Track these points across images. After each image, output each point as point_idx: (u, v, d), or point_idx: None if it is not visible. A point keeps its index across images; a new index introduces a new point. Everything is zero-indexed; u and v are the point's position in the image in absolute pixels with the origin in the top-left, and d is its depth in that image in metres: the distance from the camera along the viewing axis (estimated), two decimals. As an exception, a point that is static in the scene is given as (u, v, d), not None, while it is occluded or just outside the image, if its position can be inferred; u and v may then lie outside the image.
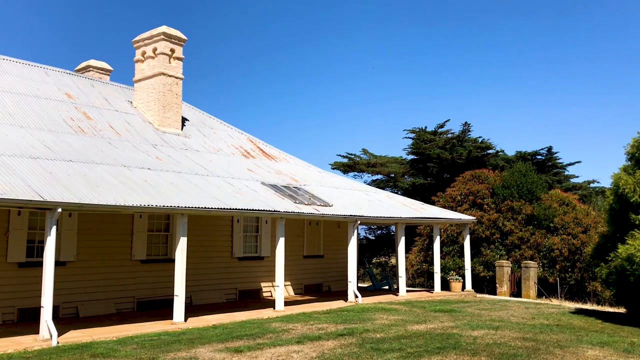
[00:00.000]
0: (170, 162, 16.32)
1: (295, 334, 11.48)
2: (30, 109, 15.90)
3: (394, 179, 37.15)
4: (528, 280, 21.82)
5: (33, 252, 13.54)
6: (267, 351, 9.76)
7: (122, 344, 10.29)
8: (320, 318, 13.72)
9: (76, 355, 9.32)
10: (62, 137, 15.02)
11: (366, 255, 35.03)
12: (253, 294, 18.58)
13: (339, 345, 10.29)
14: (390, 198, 21.49)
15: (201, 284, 16.97)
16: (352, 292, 17.20)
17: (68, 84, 18.84)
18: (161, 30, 19.35)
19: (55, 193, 10.91)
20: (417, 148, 35.34)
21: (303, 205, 16.04)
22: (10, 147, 12.85)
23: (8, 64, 17.88)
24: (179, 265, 13.03)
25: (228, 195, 14.66)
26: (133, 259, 15.45)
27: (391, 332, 11.81)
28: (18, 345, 10.13)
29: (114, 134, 16.90)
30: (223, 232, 17.91)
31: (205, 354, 9.50)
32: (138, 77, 19.89)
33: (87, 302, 14.36)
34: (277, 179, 18.46)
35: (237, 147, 20.89)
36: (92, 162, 13.82)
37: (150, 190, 13.06)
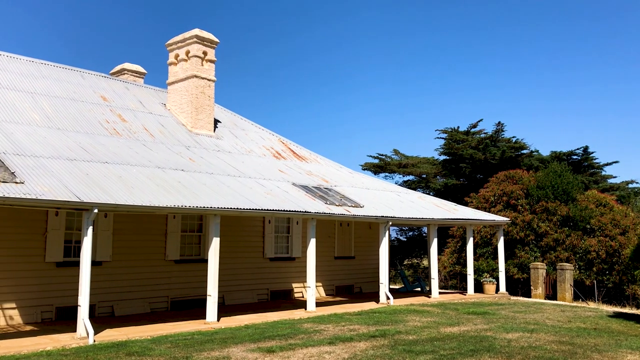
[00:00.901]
0: (203, 163, 16.49)
1: (327, 334, 11.47)
2: (67, 111, 16.27)
3: (425, 180, 36.85)
4: (564, 283, 21.39)
5: (70, 252, 13.85)
6: (299, 352, 9.77)
7: (156, 343, 10.43)
8: (352, 319, 13.69)
9: (112, 353, 9.48)
10: (98, 139, 15.32)
11: (397, 256, 34.82)
12: (284, 294, 18.64)
13: (371, 347, 10.24)
14: (422, 199, 21.32)
15: (233, 284, 17.11)
16: (384, 293, 17.11)
17: (103, 87, 19.22)
18: (194, 33, 19.59)
19: (91, 194, 11.13)
20: (449, 148, 34.99)
21: (334, 206, 16.02)
22: (48, 149, 13.17)
23: (46, 68, 18.33)
24: (212, 266, 13.15)
25: (260, 196, 14.75)
26: (167, 259, 15.67)
27: (424, 334, 11.71)
28: (56, 343, 10.37)
29: (148, 136, 17.16)
30: (254, 233, 18.03)
31: (238, 354, 9.56)
32: (171, 79, 20.17)
33: (122, 301, 14.61)
34: (308, 180, 18.49)
35: (269, 148, 21.00)
36: (127, 163, 14.06)
37: (183, 191, 13.22)
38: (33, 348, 9.91)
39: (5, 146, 12.38)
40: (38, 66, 18.18)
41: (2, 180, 10.37)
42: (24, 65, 17.79)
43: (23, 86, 16.45)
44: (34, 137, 13.67)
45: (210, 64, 20.07)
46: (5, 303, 12.74)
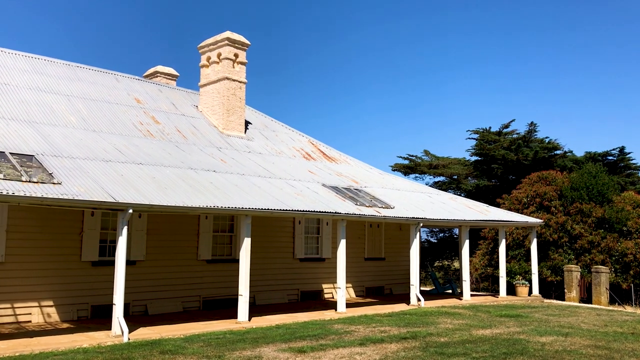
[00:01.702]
0: (234, 164, 16.65)
1: (357, 336, 11.46)
2: (102, 114, 16.61)
3: (456, 181, 36.50)
4: (599, 286, 20.94)
5: (105, 251, 14.13)
6: (330, 352, 9.79)
7: (189, 342, 10.58)
8: (383, 321, 13.65)
9: (146, 351, 9.64)
10: (132, 140, 15.60)
11: (428, 258, 34.56)
12: (314, 295, 18.68)
13: (402, 349, 10.20)
14: (454, 200, 21.14)
15: (264, 284, 17.22)
16: (415, 295, 17.02)
17: (137, 90, 19.56)
18: (225, 35, 19.79)
19: (126, 194, 11.35)
20: (480, 149, 34.58)
21: (364, 207, 16.00)
22: (84, 150, 13.46)
23: (82, 71, 18.75)
24: (243, 266, 13.27)
25: (290, 197, 14.82)
26: (199, 258, 15.86)
27: (455, 336, 11.61)
28: (92, 341, 10.59)
29: (180, 138, 17.40)
30: (285, 233, 18.12)
31: (270, 353, 9.63)
32: (203, 82, 20.42)
33: (155, 300, 14.85)
34: (337, 180, 18.51)
35: (298, 150, 21.08)
36: (160, 164, 14.29)
37: (215, 191, 13.37)
38: (70, 345, 10.14)
39: (43, 148, 12.71)
40: (74, 69, 18.61)
41: (40, 181, 10.65)
42: (60, 68, 18.22)
43: (60, 89, 16.86)
44: (70, 138, 13.99)
45: (241, 66, 20.26)
46: (44, 301, 13.07)
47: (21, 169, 10.94)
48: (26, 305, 12.82)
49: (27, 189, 10.16)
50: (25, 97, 15.44)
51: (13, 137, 12.80)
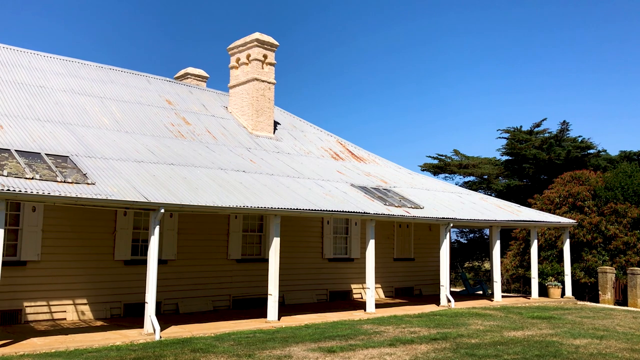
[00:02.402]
0: (263, 164, 16.75)
1: (387, 336, 11.42)
2: (135, 115, 16.88)
3: (487, 181, 36.07)
4: (635, 288, 20.45)
5: (137, 250, 14.36)
6: (360, 352, 9.78)
7: (219, 340, 10.68)
8: (412, 322, 13.57)
9: (177, 349, 9.76)
10: (164, 141, 15.82)
11: (458, 259, 34.23)
12: (343, 295, 18.67)
13: (432, 350, 10.13)
14: (484, 200, 20.90)
15: (293, 284, 17.28)
16: (445, 296, 16.87)
17: (168, 91, 19.83)
18: (254, 37, 19.93)
19: (158, 194, 11.51)
20: (511, 148, 34.11)
21: (393, 207, 15.93)
22: (117, 151, 13.70)
23: (114, 74, 19.09)
24: (273, 265, 13.34)
25: (319, 197, 14.84)
26: (229, 258, 16.00)
27: (486, 337, 11.47)
28: (125, 338, 10.77)
29: (211, 138, 17.58)
30: (313, 233, 18.16)
31: (299, 353, 9.66)
32: (232, 83, 20.60)
33: (186, 299, 15.03)
34: (366, 180, 18.47)
35: (327, 150, 21.10)
36: (191, 165, 14.46)
37: (245, 191, 13.47)
38: (103, 342, 10.33)
39: (78, 149, 12.97)
40: (107, 72, 18.96)
41: (75, 181, 10.87)
42: (93, 70, 18.58)
43: (93, 91, 17.19)
44: (103, 140, 14.25)
45: (270, 66, 20.37)
46: (78, 299, 13.34)
47: (56, 169, 11.19)
48: (61, 303, 13.11)
49: (62, 189, 10.38)
50: (60, 99, 15.79)
51: (48, 138, 13.10)
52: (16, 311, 12.46)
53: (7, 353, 9.31)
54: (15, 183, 9.98)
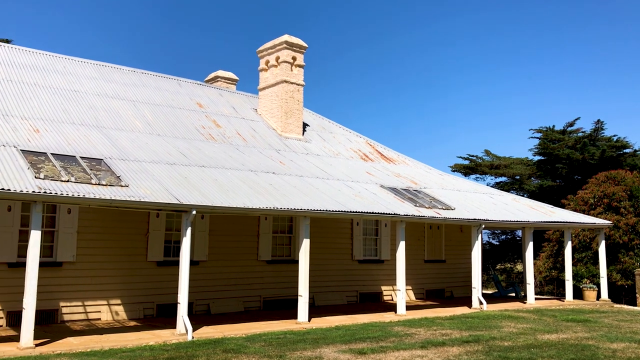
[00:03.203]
0: (293, 166, 16.81)
1: (418, 338, 11.34)
2: (166, 118, 17.12)
3: (519, 181, 35.54)
4: (674, 291, 19.89)
5: (169, 251, 14.56)
6: (391, 354, 9.73)
7: (250, 341, 10.74)
8: (444, 324, 13.45)
9: (209, 349, 9.86)
10: (195, 144, 16.01)
11: (489, 260, 33.79)
12: (373, 297, 18.61)
13: (465, 352, 10.02)
14: (517, 201, 20.60)
15: (323, 285, 17.29)
16: (477, 298, 16.68)
17: (199, 94, 20.06)
18: (283, 39, 20.03)
19: (190, 196, 11.66)
20: (544, 148, 33.54)
21: (424, 209, 15.82)
22: (149, 154, 13.92)
23: (146, 77, 19.40)
24: (303, 266, 13.37)
25: (348, 198, 14.83)
26: (259, 259, 16.10)
27: (520, 340, 11.30)
28: (158, 338, 10.93)
29: (241, 141, 17.72)
30: (343, 235, 18.14)
31: (330, 354, 9.65)
32: (262, 85, 20.73)
33: (217, 299, 15.16)
34: (396, 182, 18.38)
35: (356, 151, 21.07)
36: (222, 167, 14.60)
37: (274, 193, 13.54)
38: (137, 342, 10.49)
39: (111, 152, 13.22)
40: (139, 75, 19.27)
41: (109, 183, 11.08)
42: (126, 75, 18.91)
43: (126, 95, 17.49)
44: (136, 142, 14.49)
45: (299, 68, 20.44)
46: (112, 299, 13.58)
47: (91, 172, 11.41)
48: (96, 304, 13.36)
49: (97, 191, 10.58)
50: (94, 103, 16.10)
51: (83, 141, 13.38)
52: (53, 311, 12.75)
53: (45, 352, 9.53)
54: (51, 186, 10.22)
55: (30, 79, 15.83)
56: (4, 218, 12.30)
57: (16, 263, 12.26)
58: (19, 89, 15.09)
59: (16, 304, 11.81)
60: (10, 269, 12.27)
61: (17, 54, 16.95)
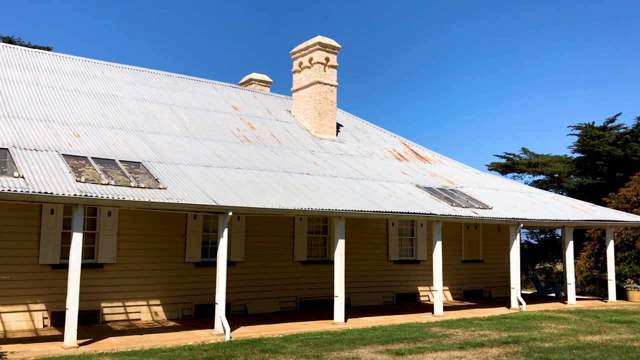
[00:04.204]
0: (327, 166, 16.83)
1: (456, 339, 11.21)
2: (202, 121, 17.35)
3: (558, 180, 34.80)
4: None
5: (207, 252, 14.75)
6: (429, 355, 9.64)
7: (287, 341, 10.79)
8: (482, 324, 13.26)
9: (247, 350, 9.94)
10: (230, 146, 16.18)
11: (528, 260, 33.19)
12: (410, 297, 18.48)
13: (504, 353, 9.86)
14: (556, 199, 20.18)
15: (358, 285, 17.25)
16: (516, 298, 16.40)
17: (234, 97, 20.27)
18: (316, 40, 20.08)
19: (226, 198, 11.79)
20: (583, 145, 32.77)
21: (460, 208, 15.64)
22: (186, 157, 14.12)
23: (182, 81, 19.70)
24: (338, 267, 13.37)
25: (383, 199, 14.77)
26: (295, 260, 16.17)
27: (561, 342, 11.06)
28: (196, 338, 11.08)
29: (275, 142, 17.84)
30: (378, 235, 18.07)
31: (367, 355, 9.63)
32: (295, 87, 20.82)
33: (254, 300, 15.29)
34: (431, 181, 18.22)
35: (390, 151, 20.96)
36: (257, 168, 14.72)
37: (309, 194, 13.58)
38: (176, 342, 10.66)
39: (149, 155, 13.46)
40: (175, 80, 19.58)
41: (147, 186, 11.28)
42: (162, 79, 19.24)
43: (163, 99, 17.79)
44: (173, 146, 14.73)
45: (332, 69, 20.45)
46: (152, 300, 13.83)
47: (130, 175, 11.65)
48: (136, 304, 13.62)
49: (136, 194, 10.80)
50: (132, 107, 16.43)
51: (122, 145, 13.66)
52: (94, 311, 13.05)
53: (88, 351, 9.76)
54: (92, 189, 10.46)
55: (70, 85, 16.25)
56: (47, 221, 12.65)
57: (59, 265, 12.60)
58: (60, 95, 15.51)
59: (60, 304, 12.14)
60: (53, 271, 12.61)
61: (58, 61, 17.42)
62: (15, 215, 12.30)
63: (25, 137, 12.32)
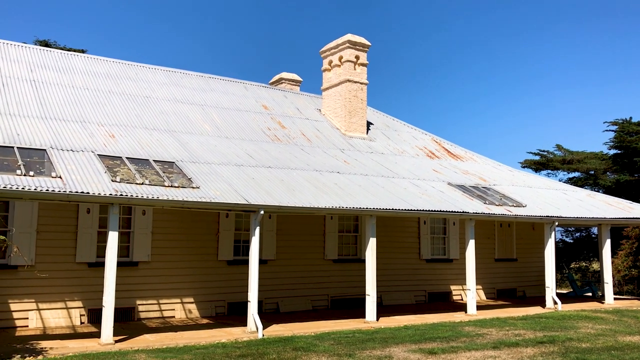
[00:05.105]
0: (357, 165, 16.80)
1: (490, 339, 11.08)
2: (233, 121, 17.50)
3: (593, 177, 34.06)
4: None
5: (239, 250, 14.88)
6: (462, 355, 9.55)
7: (320, 340, 10.81)
8: (517, 324, 13.07)
9: (279, 347, 9.99)
10: (261, 145, 16.28)
11: (563, 259, 32.57)
12: (442, 296, 18.32)
13: (539, 353, 9.70)
14: (592, 197, 19.76)
15: (390, 284, 17.18)
16: (551, 298, 16.12)
17: (264, 97, 20.39)
18: (346, 38, 20.05)
19: (258, 197, 11.87)
20: (620, 141, 31.98)
21: (493, 206, 15.44)
22: (218, 156, 14.27)
23: (214, 82, 19.90)
24: (370, 265, 13.34)
25: (414, 197, 14.67)
26: (326, 258, 16.18)
27: (598, 342, 10.83)
28: (230, 336, 11.18)
29: (305, 141, 17.88)
30: (410, 234, 17.96)
31: (400, 354, 9.58)
32: (325, 85, 20.83)
33: (286, 298, 15.36)
34: (464, 179, 18.02)
35: (421, 148, 20.81)
36: (287, 167, 14.78)
37: (340, 192, 13.57)
38: (209, 340, 10.78)
39: (183, 155, 13.64)
40: (207, 80, 19.79)
41: (181, 185, 11.43)
42: (194, 80, 19.46)
43: (195, 99, 18.00)
44: (206, 145, 14.89)
45: (363, 67, 20.40)
46: (185, 298, 14.01)
47: (164, 174, 11.82)
48: (170, 302, 13.82)
49: (170, 193, 10.95)
50: (165, 108, 16.66)
51: (155, 145, 13.87)
52: (130, 309, 13.28)
53: (124, 348, 9.94)
54: (127, 188, 10.65)
55: (105, 87, 16.57)
56: (84, 220, 12.92)
57: (95, 263, 12.86)
58: (95, 96, 15.82)
59: (96, 301, 12.39)
60: (90, 269, 12.88)
61: (92, 63, 17.77)
62: (53, 214, 12.61)
63: (62, 138, 12.61)
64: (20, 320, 12.06)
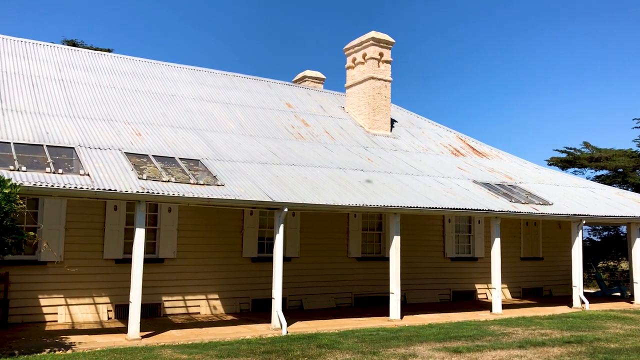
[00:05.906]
0: (381, 162, 16.75)
1: (516, 338, 10.97)
2: (257, 119, 17.59)
3: (622, 174, 33.43)
4: None
5: (263, 248, 14.96)
6: (487, 354, 9.47)
7: (344, 337, 10.82)
8: (543, 323, 12.91)
9: (304, 344, 10.02)
10: (285, 143, 16.33)
11: (591, 258, 32.04)
12: (467, 295, 18.18)
13: (567, 353, 9.57)
14: (621, 195, 19.41)
15: (414, 282, 17.11)
16: (578, 297, 15.88)
17: (288, 95, 20.44)
18: (370, 35, 19.99)
19: (281, 194, 11.92)
20: (650, 138, 31.34)
21: (519, 204, 15.26)
22: (242, 154, 14.35)
23: (238, 80, 20.01)
24: (394, 263, 13.30)
25: (439, 195, 14.58)
26: (349, 256, 16.18)
27: (628, 342, 10.64)
28: (254, 332, 11.26)
29: (329, 139, 17.88)
30: (434, 232, 17.85)
31: (424, 352, 9.54)
32: (349, 83, 20.80)
33: (310, 295, 15.40)
34: (489, 177, 17.85)
35: (446, 146, 20.66)
36: (311, 165, 14.80)
37: (363, 190, 13.55)
38: (234, 336, 10.86)
39: (208, 153, 13.75)
40: (231, 78, 19.91)
41: (206, 183, 11.53)
42: (219, 78, 19.60)
43: (219, 98, 18.13)
44: (230, 143, 14.99)
45: (386, 64, 20.32)
46: (210, 294, 14.14)
47: (189, 172, 11.94)
48: (195, 298, 13.96)
49: (195, 190, 11.06)
50: (190, 106, 16.82)
51: (181, 143, 14.01)
52: (156, 305, 13.46)
53: (150, 343, 10.08)
54: (153, 186, 10.78)
55: (131, 85, 16.78)
56: (111, 217, 13.12)
57: (122, 259, 13.05)
58: (121, 95, 16.04)
59: (123, 297, 12.58)
60: (117, 265, 13.07)
61: (119, 62, 18.01)
62: (81, 211, 12.83)
63: (89, 136, 12.81)
64: (49, 315, 12.30)
